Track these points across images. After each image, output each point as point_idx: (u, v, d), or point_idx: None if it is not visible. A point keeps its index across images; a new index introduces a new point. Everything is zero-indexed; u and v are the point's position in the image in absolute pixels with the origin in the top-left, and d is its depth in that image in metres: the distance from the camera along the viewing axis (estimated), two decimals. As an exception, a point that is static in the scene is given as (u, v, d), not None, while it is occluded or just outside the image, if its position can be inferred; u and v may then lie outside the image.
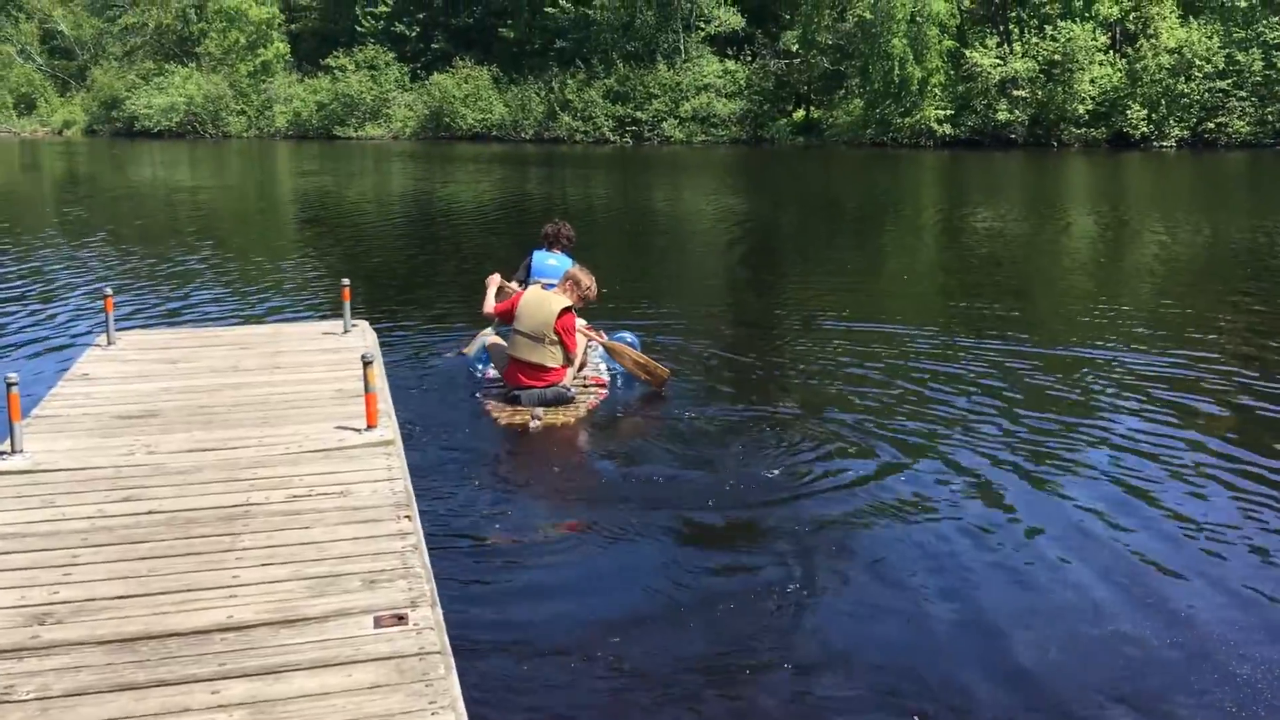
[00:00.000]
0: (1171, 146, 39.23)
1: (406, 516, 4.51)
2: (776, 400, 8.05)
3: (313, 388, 6.45)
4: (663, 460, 6.75)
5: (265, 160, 43.37)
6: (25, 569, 4.03)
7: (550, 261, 8.63)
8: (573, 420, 7.50)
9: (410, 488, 4.91)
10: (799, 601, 4.89)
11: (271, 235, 19.94)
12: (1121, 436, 7.13)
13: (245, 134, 58.06)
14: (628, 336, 8.67)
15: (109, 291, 7.55)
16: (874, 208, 24.52)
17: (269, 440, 5.48)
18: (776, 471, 6.52)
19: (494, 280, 8.30)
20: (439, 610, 3.76)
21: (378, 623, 3.61)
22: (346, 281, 7.82)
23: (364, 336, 7.78)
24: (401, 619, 3.63)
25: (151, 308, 11.76)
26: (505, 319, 7.87)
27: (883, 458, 6.76)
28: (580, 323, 8.23)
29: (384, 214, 23.72)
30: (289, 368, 6.94)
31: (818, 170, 36.22)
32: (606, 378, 8.25)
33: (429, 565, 4.14)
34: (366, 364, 5.51)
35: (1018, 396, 8.08)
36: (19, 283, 13.48)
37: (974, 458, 6.78)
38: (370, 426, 5.55)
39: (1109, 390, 8.23)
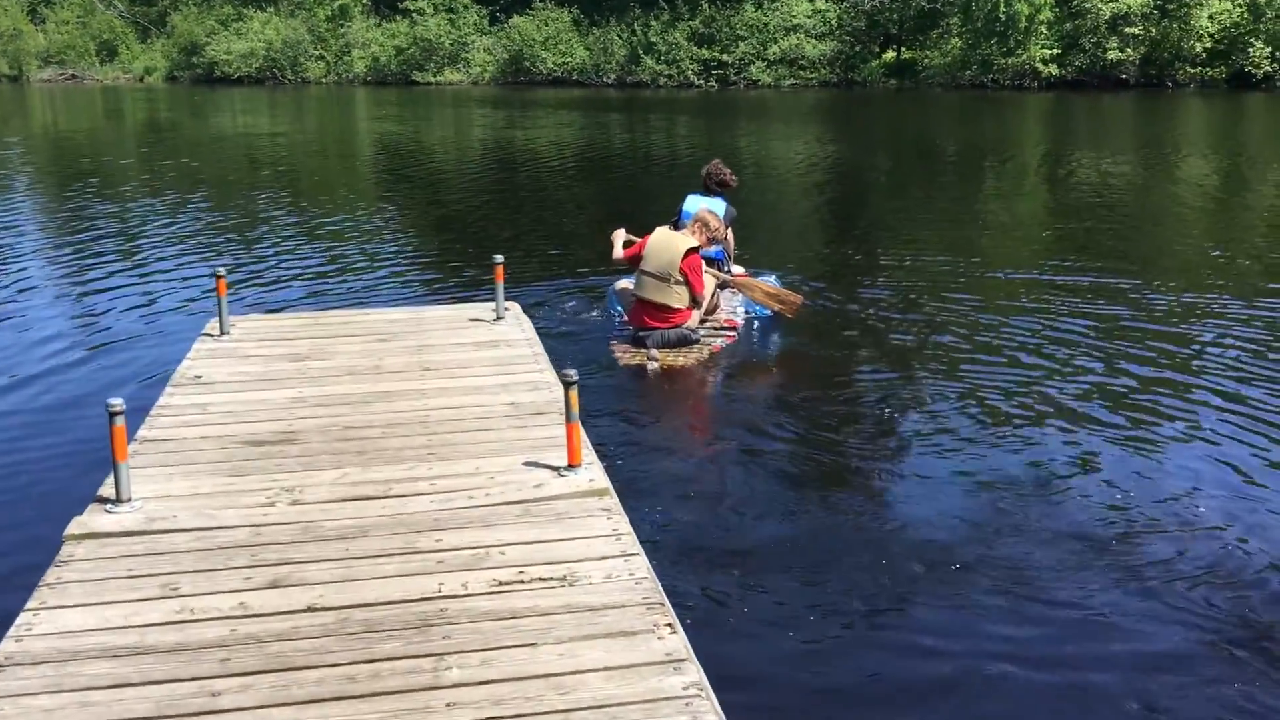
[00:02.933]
0: (1297, 87, 36.43)
1: (669, 626, 3.15)
2: (871, 357, 7.53)
3: (479, 400, 5.11)
4: (812, 441, 5.92)
5: (346, 107, 42.17)
6: (147, 721, 2.74)
7: (702, 205, 8.10)
8: (693, 363, 7.19)
9: (649, 567, 3.55)
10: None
11: (366, 189, 18.62)
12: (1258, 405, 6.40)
13: (324, 79, 56.91)
14: (770, 278, 8.45)
15: (221, 271, 6.21)
16: (975, 153, 22.89)
17: (444, 484, 4.14)
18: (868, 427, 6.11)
19: (619, 233, 8.09)
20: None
21: None
22: (500, 259, 6.44)
23: (520, 325, 6.43)
24: None
25: (254, 278, 10.41)
26: (634, 262, 7.67)
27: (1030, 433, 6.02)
28: (737, 269, 8.31)
29: (468, 161, 22.36)
30: (442, 369, 5.61)
31: (914, 114, 34.19)
32: (740, 320, 7.98)
33: (728, 722, 2.78)
34: (568, 385, 4.13)
35: (1128, 351, 7.43)
36: (108, 249, 12.12)
37: (1078, 421, 6.12)
38: (572, 465, 4.19)
39: (1230, 348, 7.49)
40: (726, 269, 8.10)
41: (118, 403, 3.87)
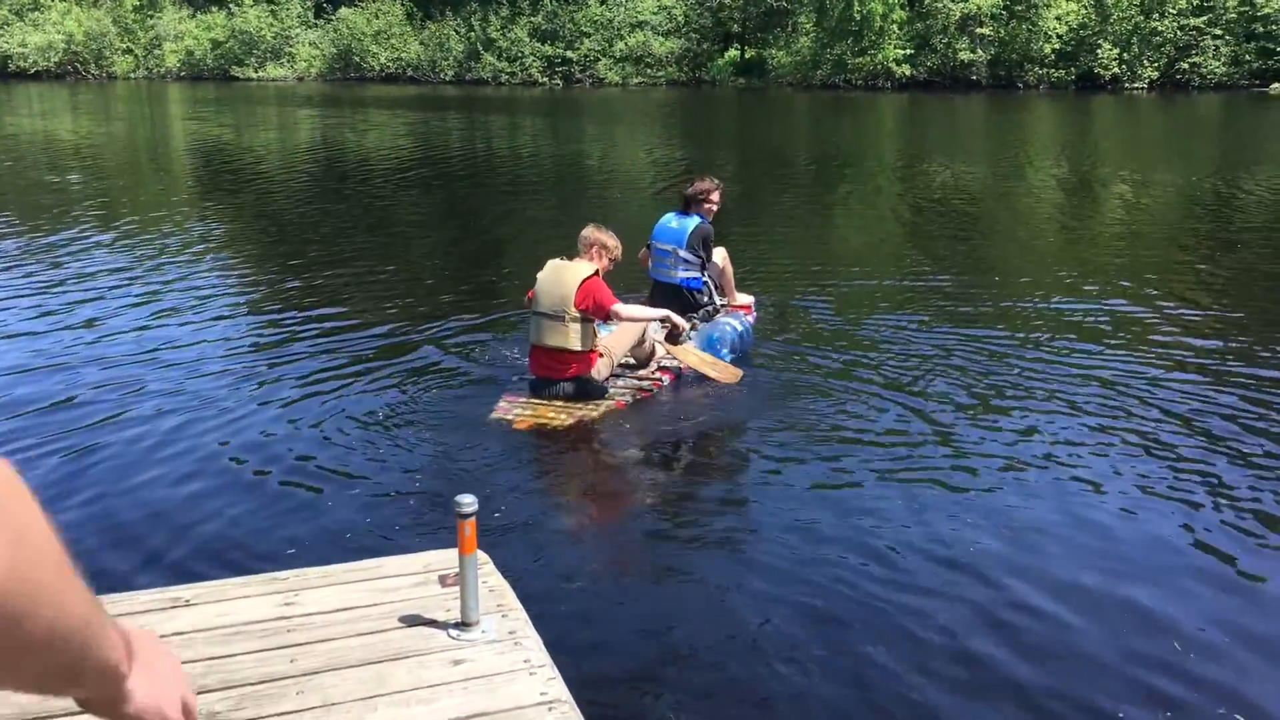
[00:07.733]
0: (1143, 88, 35.49)
1: None
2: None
3: None
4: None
5: (158, 106, 36.80)
6: None
7: (673, 224, 7.11)
8: (579, 420, 5.60)
9: None
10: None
11: (186, 239, 14.19)
12: (1088, 393, 5.98)
13: (133, 74, 50.78)
14: (743, 319, 7.13)
15: None
16: (828, 157, 20.82)
17: None
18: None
19: None
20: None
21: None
22: (470, 507, 2.84)
23: (515, 639, 2.89)
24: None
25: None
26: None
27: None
28: (745, 298, 7.50)
29: (304, 176, 18.33)
30: None
31: (764, 115, 31.76)
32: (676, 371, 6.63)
33: None
34: None
35: (978, 359, 6.75)
36: None
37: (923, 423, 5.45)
38: None
39: (1068, 345, 7.06)
40: (710, 300, 7.07)
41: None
